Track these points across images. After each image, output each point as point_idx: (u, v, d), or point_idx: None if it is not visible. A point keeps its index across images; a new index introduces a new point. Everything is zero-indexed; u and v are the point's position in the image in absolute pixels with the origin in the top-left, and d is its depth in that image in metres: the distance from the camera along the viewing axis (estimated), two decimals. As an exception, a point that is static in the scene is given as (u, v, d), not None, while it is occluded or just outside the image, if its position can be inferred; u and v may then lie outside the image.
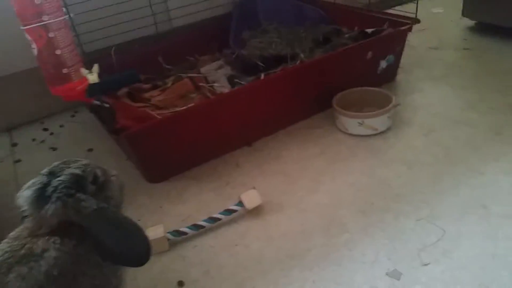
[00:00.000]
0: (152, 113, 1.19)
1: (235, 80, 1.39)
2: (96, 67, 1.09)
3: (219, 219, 0.97)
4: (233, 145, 1.24)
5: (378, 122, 1.20)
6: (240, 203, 0.99)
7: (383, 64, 1.41)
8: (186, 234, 0.95)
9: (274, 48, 1.53)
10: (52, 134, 1.44)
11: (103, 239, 0.60)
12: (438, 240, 0.86)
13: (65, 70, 1.10)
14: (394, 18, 1.44)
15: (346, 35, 1.50)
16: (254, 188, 1.02)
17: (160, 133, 1.10)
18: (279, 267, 0.86)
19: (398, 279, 0.80)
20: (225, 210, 0.98)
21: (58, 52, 1.08)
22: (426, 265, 0.82)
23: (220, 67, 1.50)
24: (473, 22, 1.81)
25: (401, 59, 1.48)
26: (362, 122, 1.19)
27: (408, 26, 1.37)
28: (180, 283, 0.85)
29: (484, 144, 1.11)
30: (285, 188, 1.07)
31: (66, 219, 0.60)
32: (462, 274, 0.79)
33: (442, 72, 1.49)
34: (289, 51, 1.43)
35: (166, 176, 1.16)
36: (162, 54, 1.56)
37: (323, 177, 1.08)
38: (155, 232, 0.93)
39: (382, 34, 1.38)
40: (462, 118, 1.23)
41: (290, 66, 1.34)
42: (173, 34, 1.63)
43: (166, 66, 1.56)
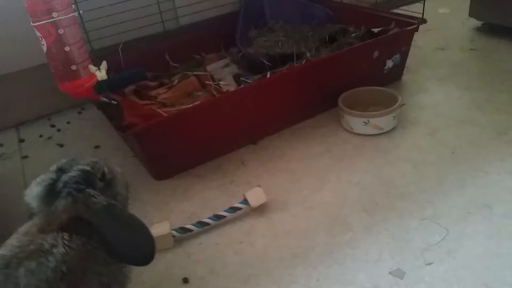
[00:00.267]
0: (158, 110, 1.20)
1: (241, 78, 1.39)
2: (104, 64, 1.10)
3: (224, 217, 0.98)
4: (238, 143, 1.24)
5: (383, 121, 1.20)
6: (245, 201, 0.99)
7: (390, 63, 1.41)
8: (191, 231, 0.95)
9: (281, 47, 1.53)
10: (59, 130, 1.46)
11: (111, 237, 0.60)
12: (441, 239, 0.87)
13: (73, 67, 1.11)
14: (401, 18, 1.44)
15: (353, 35, 1.50)
16: (259, 186, 1.03)
17: (166, 130, 1.11)
18: (284, 265, 0.86)
19: (402, 278, 0.80)
20: (230, 208, 0.99)
21: (67, 48, 1.09)
22: (429, 264, 0.82)
23: (226, 66, 1.51)
24: (480, 22, 1.80)
25: (407, 59, 1.48)
26: (368, 121, 1.20)
27: (414, 26, 1.37)
28: (185, 280, 0.86)
29: (489, 144, 1.11)
30: (289, 186, 1.07)
31: (75, 215, 0.61)
32: (465, 273, 0.79)
33: (448, 72, 1.49)
34: (295, 50, 1.43)
35: (172, 173, 1.17)
36: (169, 52, 1.57)
37: (328, 175, 1.09)
38: (161, 229, 0.94)
39: (389, 33, 1.38)
40: (468, 118, 1.23)
41: (296, 65, 1.35)
42: (180, 32, 1.64)
43: (172, 64, 1.57)
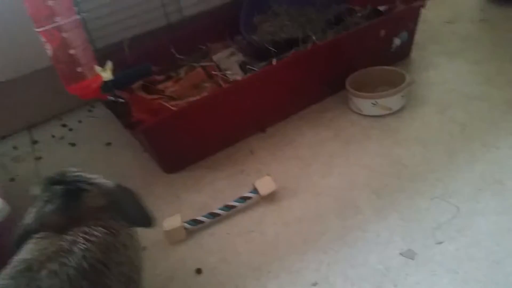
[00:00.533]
0: (166, 105, 1.21)
1: (247, 66, 1.39)
2: (109, 64, 1.11)
3: (235, 207, 0.99)
4: (247, 132, 1.25)
5: (392, 101, 1.18)
6: (254, 190, 1.00)
7: (397, 41, 1.39)
8: (202, 222, 0.97)
9: (286, 31, 1.51)
10: (71, 130, 1.48)
11: (128, 208, 0.68)
12: (452, 217, 0.86)
13: (79, 69, 1.13)
14: (407, -6, 1.40)
15: (359, 14, 1.47)
16: (268, 174, 1.03)
17: (175, 124, 1.12)
18: (295, 252, 0.87)
19: (413, 259, 0.80)
20: (240, 198, 0.99)
21: (72, 51, 1.11)
22: (440, 243, 0.82)
23: (232, 54, 1.50)
24: (489, -9, 1.75)
25: (415, 35, 1.45)
26: (376, 102, 1.18)
27: (421, 3, 1.34)
28: (198, 271, 0.88)
29: (500, 118, 1.09)
30: (299, 172, 1.07)
31: (89, 207, 0.63)
32: (477, 251, 0.79)
33: (458, 46, 1.46)
34: (300, 34, 1.41)
35: (182, 166, 1.18)
36: (174, 44, 1.57)
37: (337, 160, 1.09)
38: (173, 222, 0.95)
39: (395, 11, 1.35)
40: (478, 93, 1.20)
41: (302, 49, 1.33)
42: (183, 23, 1.64)
43: (178, 56, 1.57)
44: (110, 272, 0.61)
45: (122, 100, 1.12)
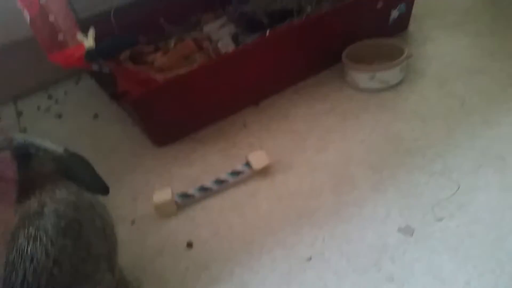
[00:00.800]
0: (154, 76, 1.16)
1: (240, 38, 1.34)
2: (91, 31, 1.05)
3: (227, 181, 0.96)
4: (239, 105, 1.21)
5: (390, 75, 1.15)
6: (247, 164, 0.97)
7: (395, 13, 1.34)
8: (194, 196, 0.94)
9: (279, 2, 1.46)
10: (57, 101, 1.43)
11: (79, 173, 0.64)
12: (452, 194, 0.83)
13: (60, 37, 1.07)
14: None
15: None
16: (262, 148, 1.00)
17: (164, 96, 1.07)
18: (289, 226, 0.84)
19: (411, 235, 0.78)
20: (232, 172, 0.96)
21: (51, 18, 1.05)
22: (440, 220, 0.79)
23: (223, 25, 1.45)
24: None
25: (413, 7, 1.41)
26: (373, 75, 1.15)
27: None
28: (189, 245, 0.85)
29: (501, 93, 1.06)
30: (293, 147, 1.04)
31: (40, 171, 0.60)
32: (477, 227, 0.76)
33: (457, 19, 1.41)
34: (294, 5, 1.36)
35: (173, 139, 1.14)
36: (164, 14, 1.51)
37: (333, 134, 1.05)
38: (163, 195, 0.92)
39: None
40: (478, 67, 1.17)
41: (296, 21, 1.28)
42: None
43: (168, 27, 1.51)
44: (86, 229, 0.59)
45: (107, 70, 1.07)
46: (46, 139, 0.66)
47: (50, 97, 1.45)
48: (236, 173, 0.96)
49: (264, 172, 0.97)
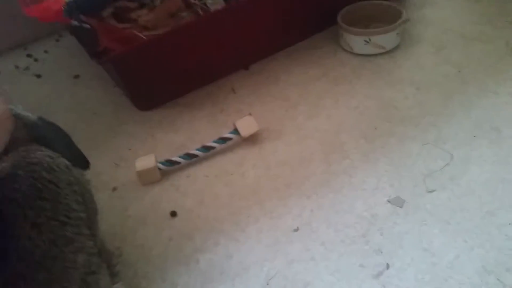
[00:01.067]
0: (138, 34, 1.10)
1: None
2: (70, -17, 0.98)
3: (213, 148, 0.92)
4: (228, 68, 1.16)
5: (386, 39, 1.10)
6: (235, 131, 0.93)
7: (393, -26, 1.28)
8: (178, 163, 0.90)
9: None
10: (36, 60, 1.36)
11: (55, 143, 0.59)
12: (445, 165, 0.81)
13: (37, -13, 1.00)
14: None
15: None
16: (250, 114, 0.96)
17: (148, 56, 1.02)
18: (276, 196, 0.82)
19: (401, 207, 0.76)
20: (219, 138, 0.93)
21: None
22: (431, 192, 0.77)
23: (213, -18, 1.38)
24: None
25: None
26: (369, 39, 1.10)
27: None
28: (172, 213, 0.82)
29: (499, 61, 1.02)
30: (283, 113, 1.00)
31: (13, 137, 0.56)
32: (469, 200, 0.74)
33: (457, -18, 1.36)
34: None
35: (157, 103, 1.10)
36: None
37: (325, 101, 1.01)
38: (146, 162, 0.88)
39: None
40: (476, 33, 1.12)
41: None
42: None
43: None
44: (63, 191, 0.56)
45: (87, 26, 1.00)
46: (18, 105, 0.62)
47: (29, 55, 1.38)
48: (223, 139, 0.93)
49: (252, 139, 0.94)
